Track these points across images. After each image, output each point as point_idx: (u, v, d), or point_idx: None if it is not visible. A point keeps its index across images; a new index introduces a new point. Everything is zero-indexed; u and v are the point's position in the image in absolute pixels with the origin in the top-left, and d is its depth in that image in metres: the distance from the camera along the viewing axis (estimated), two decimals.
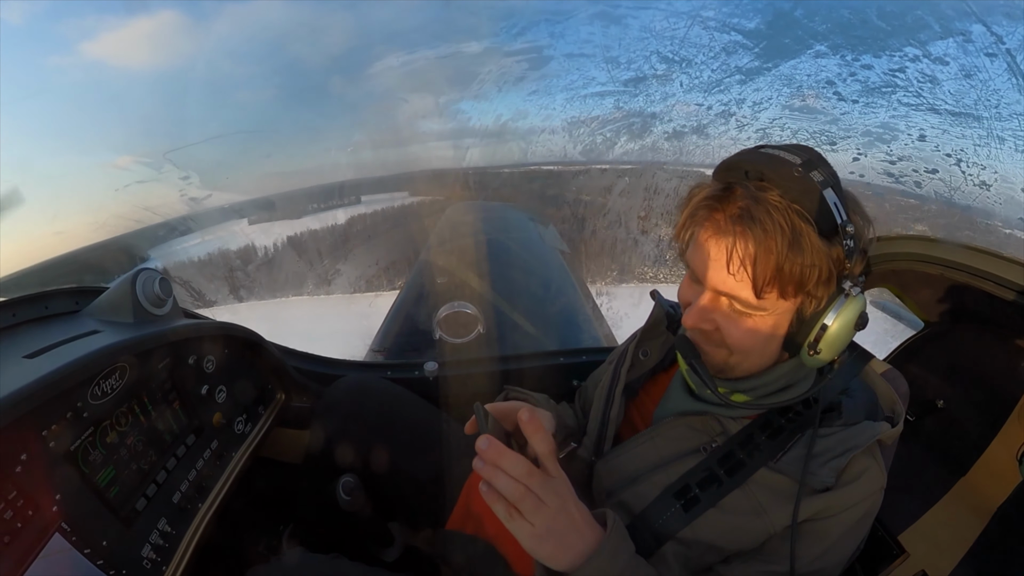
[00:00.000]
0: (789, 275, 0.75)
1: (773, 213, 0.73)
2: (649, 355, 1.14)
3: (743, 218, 0.75)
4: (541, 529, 0.71)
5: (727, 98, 18.38)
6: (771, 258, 0.74)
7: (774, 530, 0.84)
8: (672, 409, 1.02)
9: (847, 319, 0.79)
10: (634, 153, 13.09)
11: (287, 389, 1.70)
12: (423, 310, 3.89)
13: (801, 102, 15.09)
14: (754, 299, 0.78)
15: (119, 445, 1.03)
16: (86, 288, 1.27)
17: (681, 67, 26.32)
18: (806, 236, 0.74)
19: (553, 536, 0.72)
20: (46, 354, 0.94)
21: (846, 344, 0.82)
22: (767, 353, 0.87)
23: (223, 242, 23.96)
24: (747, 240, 0.76)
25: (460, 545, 1.19)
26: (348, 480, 1.29)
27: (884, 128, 10.89)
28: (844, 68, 20.38)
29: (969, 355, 1.62)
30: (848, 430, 0.87)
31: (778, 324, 0.83)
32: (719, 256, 0.79)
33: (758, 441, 0.89)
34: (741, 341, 0.84)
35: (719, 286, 0.81)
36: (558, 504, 0.72)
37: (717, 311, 0.84)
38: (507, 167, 52.84)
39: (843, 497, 0.83)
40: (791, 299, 0.79)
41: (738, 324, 0.83)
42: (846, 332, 0.80)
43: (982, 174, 5.20)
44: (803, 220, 0.74)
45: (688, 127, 15.90)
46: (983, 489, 1.46)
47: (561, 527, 0.73)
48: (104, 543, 0.92)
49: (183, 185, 79.49)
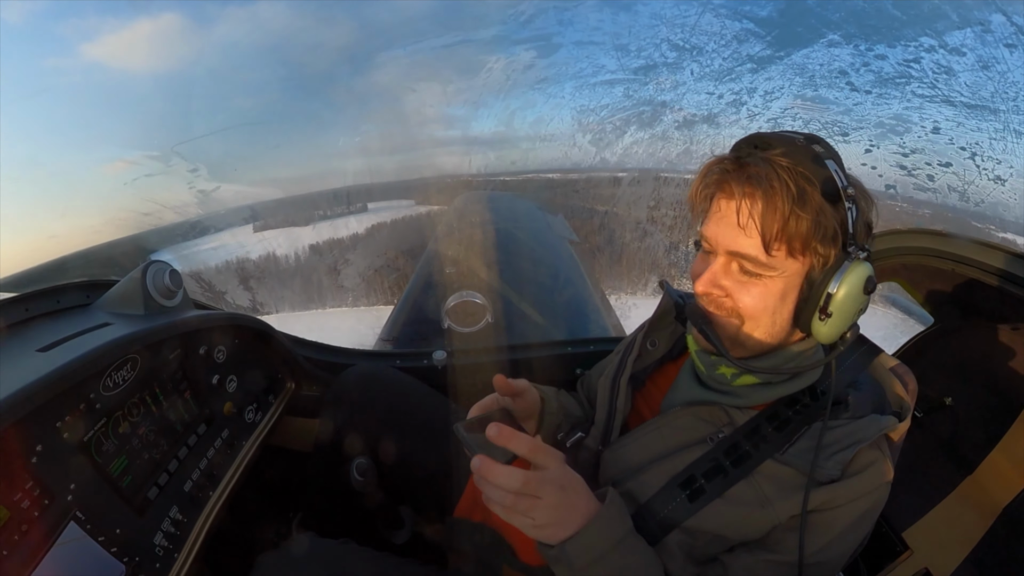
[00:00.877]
0: (796, 231, 0.78)
1: (780, 172, 0.77)
2: (657, 345, 1.13)
3: (751, 179, 0.79)
4: (541, 521, 0.75)
5: (738, 87, 18.27)
6: (778, 213, 0.77)
7: (779, 521, 0.84)
8: (679, 399, 1.02)
9: (855, 282, 0.79)
10: (644, 142, 12.94)
11: (297, 378, 1.72)
12: (431, 299, 3.89)
13: (813, 91, 14.85)
14: (763, 255, 0.80)
15: (131, 435, 1.05)
16: (97, 281, 1.28)
17: (692, 55, 26.16)
18: (810, 195, 0.77)
19: (552, 523, 0.76)
20: (59, 347, 0.96)
21: (857, 311, 0.82)
22: (777, 323, 0.86)
23: (228, 251, 23.84)
24: (755, 198, 0.79)
25: (467, 532, 1.20)
26: (361, 461, 1.31)
27: (897, 120, 10.80)
28: (857, 58, 20.14)
29: (979, 353, 1.60)
30: (855, 423, 0.86)
31: (787, 289, 0.83)
32: (730, 217, 0.82)
33: (764, 432, 0.89)
34: (751, 306, 0.84)
35: (730, 245, 0.83)
36: (555, 494, 0.75)
37: (728, 276, 0.85)
38: (523, 173, 52.50)
39: (848, 489, 0.83)
40: (799, 258, 0.81)
41: (748, 288, 0.84)
42: (855, 296, 0.80)
43: (997, 168, 5.15)
44: (807, 181, 0.77)
45: (699, 116, 15.80)
46: (989, 489, 1.45)
47: (560, 513, 0.76)
48: (117, 531, 0.93)
49: (192, 178, 79.98)
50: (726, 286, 0.85)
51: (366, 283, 18.22)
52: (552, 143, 51.56)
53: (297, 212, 36.51)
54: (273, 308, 18.53)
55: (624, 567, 0.80)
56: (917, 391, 1.02)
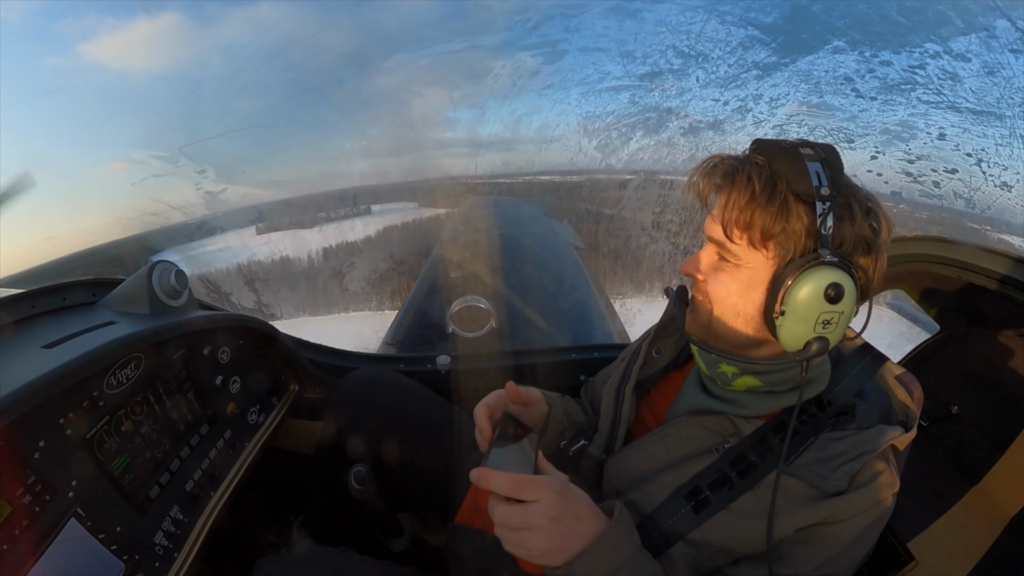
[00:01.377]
0: (753, 221, 0.81)
1: (748, 167, 0.82)
2: (663, 352, 1.13)
3: (720, 171, 0.86)
4: (537, 552, 0.74)
5: (744, 93, 18.27)
6: (735, 203, 0.82)
7: (784, 534, 0.83)
8: (685, 408, 1.01)
9: (814, 283, 0.77)
10: (650, 148, 12.96)
11: (300, 380, 1.72)
12: (436, 304, 3.90)
13: (819, 98, 14.89)
14: (726, 240, 0.84)
15: (134, 434, 1.05)
16: (103, 280, 1.29)
17: (697, 62, 26.33)
18: (779, 191, 0.79)
19: (550, 551, 0.75)
20: (64, 344, 0.96)
21: (817, 317, 0.79)
22: (741, 315, 0.87)
23: (232, 253, 23.74)
24: (722, 189, 0.86)
25: (468, 539, 1.19)
26: (360, 469, 1.30)
27: (903, 126, 10.74)
28: (863, 64, 20.14)
29: (986, 361, 1.59)
30: (862, 433, 0.86)
31: (751, 281, 0.85)
32: (709, 207, 0.90)
33: (771, 443, 0.88)
34: (716, 292, 0.88)
35: (706, 230, 0.90)
36: (549, 526, 0.74)
37: (707, 261, 0.91)
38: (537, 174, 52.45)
39: (855, 501, 0.82)
40: (761, 250, 0.83)
41: (718, 275, 0.88)
42: (813, 299, 0.78)
43: (1004, 175, 5.08)
44: (778, 177, 0.80)
45: (704, 122, 15.85)
46: (996, 499, 1.43)
47: (557, 541, 0.74)
48: (118, 529, 0.94)
49: (199, 179, 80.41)
50: (703, 270, 0.91)
51: (371, 287, 18.18)
52: (557, 149, 51.71)
53: (300, 214, 36.52)
54: (280, 312, 18.48)
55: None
56: (923, 400, 1.01)
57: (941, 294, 1.62)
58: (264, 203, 47.78)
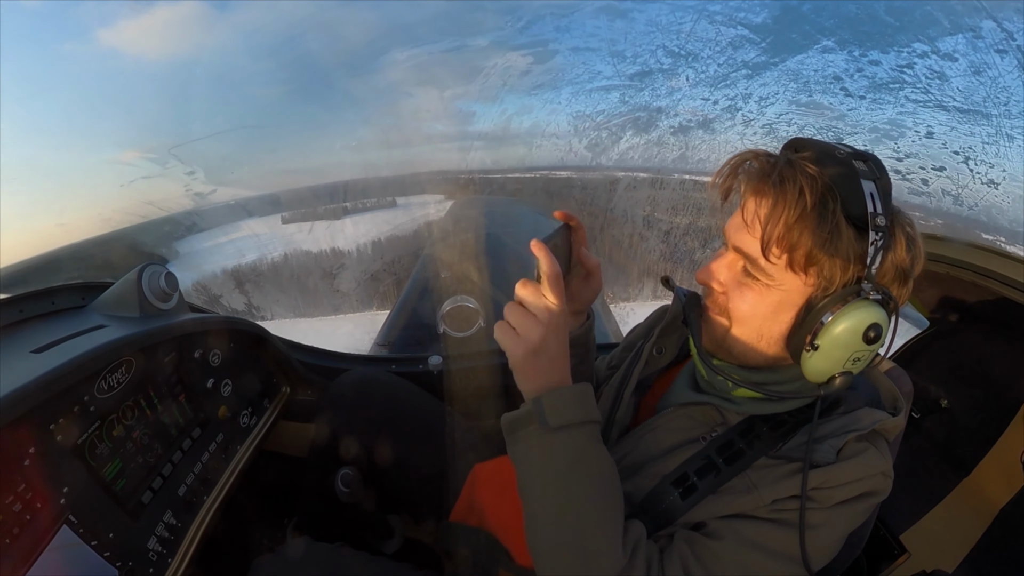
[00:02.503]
0: (799, 241, 0.73)
1: (800, 178, 0.72)
2: (664, 352, 1.11)
3: (766, 177, 0.76)
4: (523, 344, 0.78)
5: (733, 93, 18.30)
6: (783, 218, 0.73)
7: (762, 503, 0.82)
8: (674, 400, 1.01)
9: (855, 322, 0.72)
10: (640, 147, 12.95)
11: (292, 382, 1.71)
12: (427, 304, 3.90)
13: (808, 97, 14.95)
14: (761, 257, 0.76)
15: (125, 439, 1.04)
16: (92, 283, 1.27)
17: (687, 61, 26.42)
18: (831, 211, 0.72)
19: (531, 356, 0.78)
20: (53, 349, 0.95)
21: (850, 355, 0.75)
22: (764, 338, 0.83)
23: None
24: (765, 197, 0.76)
25: (463, 537, 1.19)
26: (347, 472, 1.30)
27: (891, 125, 10.78)
28: (851, 64, 20.32)
29: (975, 356, 1.61)
30: (848, 415, 0.85)
31: (782, 305, 0.79)
32: (741, 211, 0.81)
33: (759, 431, 0.88)
34: (740, 310, 0.82)
35: (732, 239, 0.82)
36: (542, 326, 0.77)
37: (728, 272, 0.84)
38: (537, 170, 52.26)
39: (841, 471, 0.80)
40: (799, 274, 0.76)
41: (743, 291, 0.82)
42: (851, 337, 0.73)
43: (990, 172, 5.11)
44: (831, 194, 0.72)
45: (694, 122, 15.86)
46: (986, 491, 1.45)
47: (540, 349, 0.78)
48: (111, 535, 0.93)
49: (188, 180, 79.65)
50: (724, 282, 0.84)
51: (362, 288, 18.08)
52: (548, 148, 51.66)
53: (320, 204, 36.27)
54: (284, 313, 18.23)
55: (592, 455, 0.81)
56: (913, 393, 1.02)
57: (931, 290, 1.64)
58: (286, 191, 47.38)
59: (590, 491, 0.79)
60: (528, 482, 0.82)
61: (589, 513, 0.78)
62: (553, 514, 0.79)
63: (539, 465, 0.80)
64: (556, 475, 0.79)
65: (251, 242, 23.49)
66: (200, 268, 19.94)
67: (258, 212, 33.28)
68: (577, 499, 0.78)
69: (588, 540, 0.77)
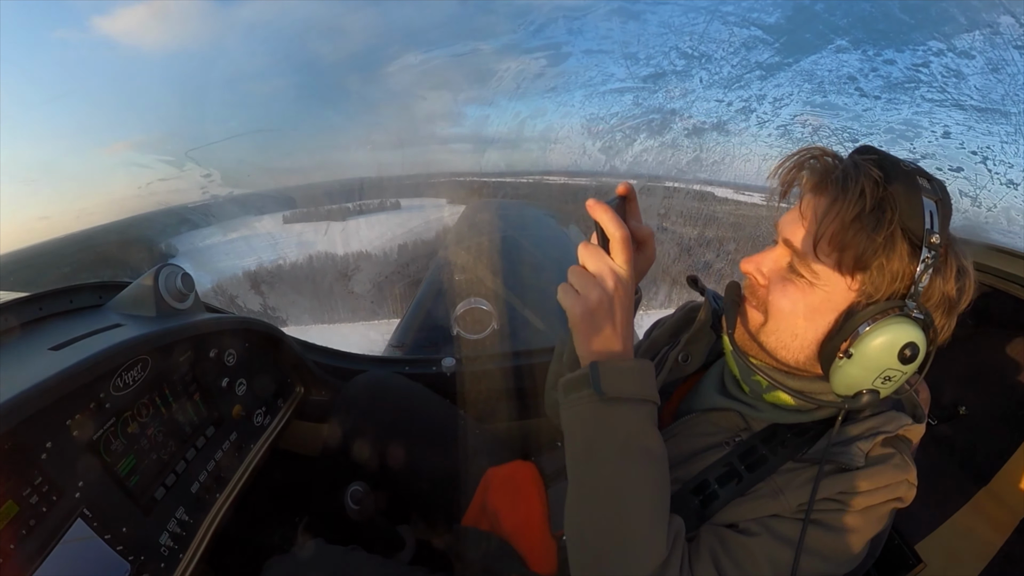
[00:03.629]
0: (852, 242, 0.72)
1: (863, 179, 0.71)
2: (691, 360, 1.06)
3: (828, 174, 0.76)
4: (582, 303, 0.73)
5: (747, 94, 18.10)
6: (839, 217, 0.72)
7: (787, 505, 0.80)
8: (698, 405, 0.99)
9: (893, 336, 0.71)
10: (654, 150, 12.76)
11: (306, 383, 1.73)
12: (441, 306, 3.90)
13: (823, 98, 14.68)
14: (811, 252, 0.75)
15: (140, 435, 1.06)
16: (109, 283, 1.29)
17: (700, 63, 26.16)
18: (888, 219, 0.70)
19: (590, 317, 0.74)
20: (70, 346, 0.97)
21: (882, 371, 0.73)
22: (798, 339, 0.81)
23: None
24: (824, 195, 0.75)
25: (475, 541, 1.19)
26: (357, 489, 1.26)
27: (907, 125, 10.60)
28: (866, 63, 19.98)
29: (993, 361, 1.57)
30: (876, 417, 0.84)
31: (823, 306, 0.77)
32: (796, 207, 0.80)
33: (783, 438, 0.86)
34: (779, 305, 0.80)
35: (784, 232, 0.81)
36: (605, 288, 0.73)
37: (774, 266, 0.82)
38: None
39: (869, 477, 0.78)
40: (846, 277, 0.74)
41: (785, 286, 0.80)
42: (886, 352, 0.71)
43: (1009, 172, 5.01)
44: (890, 203, 0.71)
45: (708, 123, 15.67)
46: (1005, 501, 1.41)
47: (602, 312, 0.74)
48: (124, 529, 0.94)
49: (204, 183, 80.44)
50: (768, 274, 0.83)
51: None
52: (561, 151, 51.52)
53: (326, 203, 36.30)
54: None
55: (651, 433, 0.77)
56: (930, 400, 1.00)
57: None
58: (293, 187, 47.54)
59: (644, 472, 0.74)
60: (574, 454, 0.77)
61: (640, 496, 0.73)
62: (600, 491, 0.74)
63: (588, 436, 0.75)
64: (605, 451, 0.74)
65: (255, 242, 23.45)
66: (208, 266, 19.98)
67: (263, 209, 33.28)
68: (629, 479, 0.73)
69: (634, 525, 0.72)
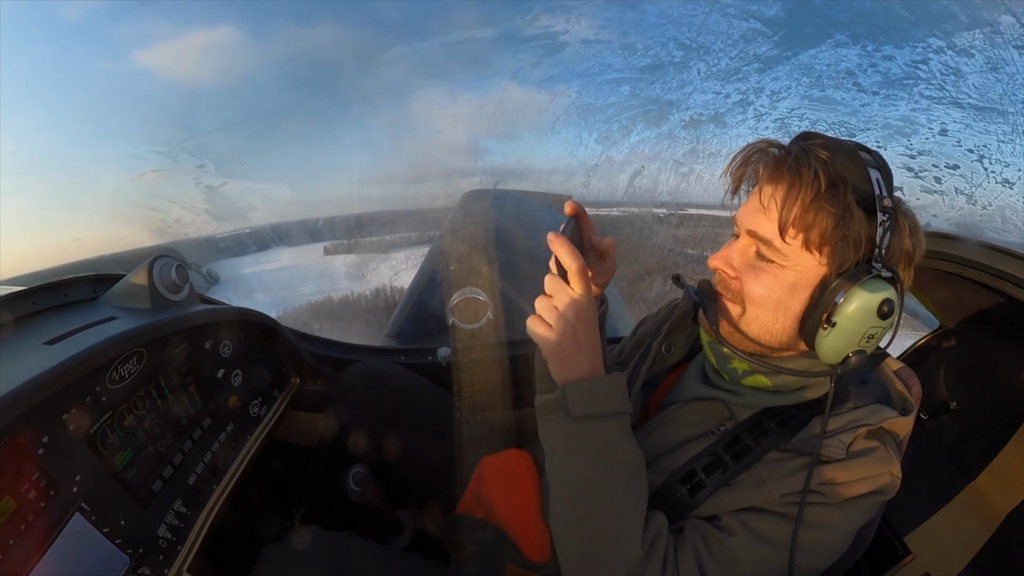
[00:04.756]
0: (815, 222, 0.77)
1: (814, 162, 0.77)
2: (673, 350, 1.11)
3: (781, 163, 0.80)
4: (553, 335, 0.79)
5: (745, 87, 18.10)
6: (799, 199, 0.77)
7: (770, 497, 0.83)
8: (682, 396, 1.02)
9: (869, 299, 0.75)
10: (650, 141, 12.80)
11: (302, 373, 1.73)
12: (436, 296, 3.89)
13: (820, 92, 14.66)
14: (778, 239, 0.80)
15: (136, 428, 1.06)
16: (104, 276, 1.29)
17: (699, 54, 26.25)
18: (842, 193, 0.76)
19: (560, 347, 0.80)
20: (65, 340, 0.96)
21: (864, 332, 0.78)
22: (779, 321, 0.84)
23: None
24: (781, 182, 0.80)
25: (470, 529, 1.20)
26: (358, 471, 1.30)
27: (905, 121, 10.58)
28: (865, 58, 19.98)
29: (985, 358, 1.59)
30: (858, 410, 0.86)
31: (798, 285, 0.81)
32: (755, 199, 0.84)
33: (767, 427, 0.88)
34: (756, 293, 0.84)
35: (746, 224, 0.84)
36: (571, 318, 0.79)
37: (742, 257, 0.86)
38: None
39: (850, 469, 0.81)
40: (815, 253, 0.79)
41: (758, 274, 0.84)
42: (865, 314, 0.76)
43: (1005, 171, 5.00)
44: (839, 177, 0.77)
45: (705, 115, 15.75)
46: (992, 495, 1.44)
47: (565, 338, 0.79)
48: (122, 523, 0.94)
49: (198, 173, 79.44)
50: (738, 267, 0.86)
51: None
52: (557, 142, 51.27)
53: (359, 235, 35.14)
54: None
55: (616, 446, 0.82)
56: (921, 394, 1.01)
57: (941, 290, 1.62)
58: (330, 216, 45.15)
59: (610, 483, 0.81)
60: (552, 467, 0.85)
61: (607, 504, 0.80)
62: (572, 501, 0.83)
63: (562, 453, 0.83)
64: (577, 464, 0.81)
65: (301, 272, 22.87)
66: (256, 295, 19.40)
67: (295, 239, 32.17)
68: (596, 490, 0.81)
69: (605, 530, 0.80)
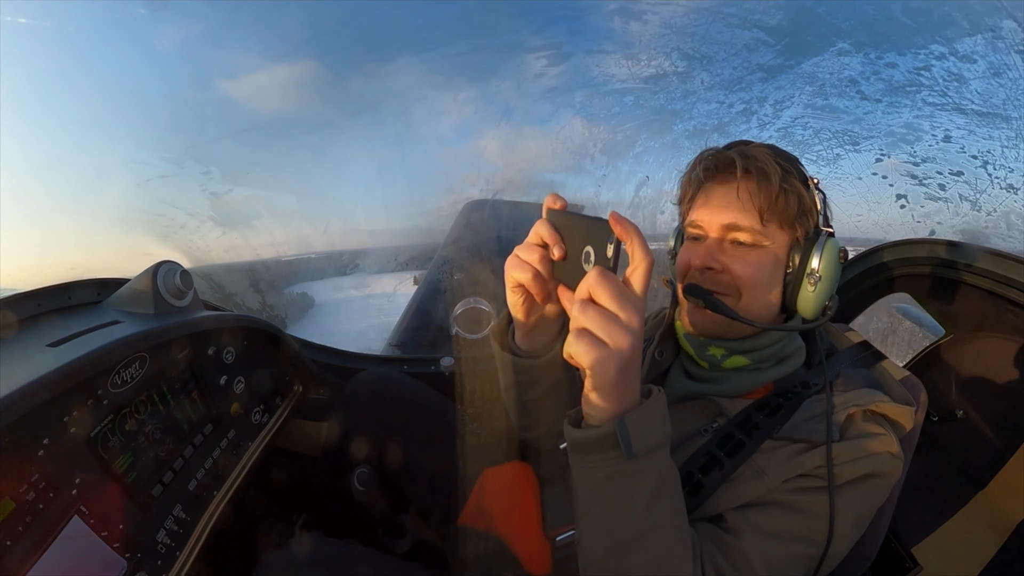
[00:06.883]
0: (785, 205, 0.91)
1: (764, 157, 0.91)
2: (665, 355, 1.13)
3: (747, 161, 0.91)
4: (616, 358, 0.59)
5: (748, 96, 18.01)
6: (771, 189, 0.90)
7: (772, 485, 0.82)
8: (669, 396, 1.00)
9: (833, 251, 0.91)
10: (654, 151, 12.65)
11: (304, 381, 1.72)
12: (439, 305, 3.89)
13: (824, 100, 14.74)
14: (758, 224, 0.91)
15: (138, 432, 1.05)
16: (108, 280, 1.29)
17: (702, 64, 25.95)
18: (792, 177, 0.91)
19: (622, 373, 0.61)
20: (68, 343, 0.96)
21: (836, 278, 0.92)
22: (771, 297, 0.95)
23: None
24: (749, 178, 0.91)
25: (471, 540, 1.19)
26: (363, 471, 1.31)
27: (908, 128, 10.49)
28: (867, 66, 19.86)
29: (992, 365, 1.57)
30: (845, 394, 0.90)
31: (778, 260, 0.94)
32: (726, 195, 0.94)
33: (756, 420, 0.90)
34: (749, 275, 0.92)
35: (725, 219, 0.93)
36: (634, 331, 0.60)
37: (723, 251, 0.94)
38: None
39: (845, 449, 0.81)
40: (787, 230, 0.93)
41: (745, 257, 0.93)
42: (835, 264, 0.91)
43: (1010, 177, 4.99)
44: (787, 168, 0.92)
45: (709, 125, 15.58)
46: (1002, 505, 1.42)
47: (635, 362, 0.63)
48: (121, 527, 0.94)
49: (204, 180, 79.29)
50: (723, 261, 0.93)
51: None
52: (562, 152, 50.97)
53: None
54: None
55: (673, 469, 0.72)
56: (928, 404, 1.01)
57: (947, 298, 1.61)
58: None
59: (673, 507, 0.72)
60: (600, 514, 0.70)
61: (672, 531, 0.71)
62: (633, 540, 0.69)
63: (621, 495, 0.68)
64: (641, 499, 0.67)
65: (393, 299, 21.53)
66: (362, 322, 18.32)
67: (376, 267, 29.15)
68: (661, 521, 0.69)
69: (670, 560, 0.70)
